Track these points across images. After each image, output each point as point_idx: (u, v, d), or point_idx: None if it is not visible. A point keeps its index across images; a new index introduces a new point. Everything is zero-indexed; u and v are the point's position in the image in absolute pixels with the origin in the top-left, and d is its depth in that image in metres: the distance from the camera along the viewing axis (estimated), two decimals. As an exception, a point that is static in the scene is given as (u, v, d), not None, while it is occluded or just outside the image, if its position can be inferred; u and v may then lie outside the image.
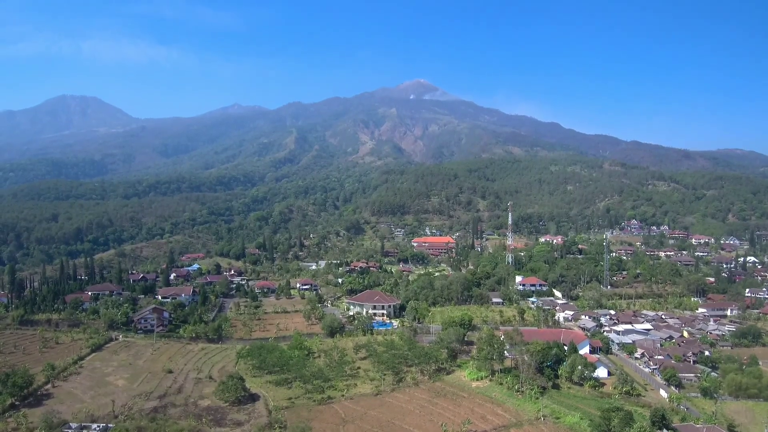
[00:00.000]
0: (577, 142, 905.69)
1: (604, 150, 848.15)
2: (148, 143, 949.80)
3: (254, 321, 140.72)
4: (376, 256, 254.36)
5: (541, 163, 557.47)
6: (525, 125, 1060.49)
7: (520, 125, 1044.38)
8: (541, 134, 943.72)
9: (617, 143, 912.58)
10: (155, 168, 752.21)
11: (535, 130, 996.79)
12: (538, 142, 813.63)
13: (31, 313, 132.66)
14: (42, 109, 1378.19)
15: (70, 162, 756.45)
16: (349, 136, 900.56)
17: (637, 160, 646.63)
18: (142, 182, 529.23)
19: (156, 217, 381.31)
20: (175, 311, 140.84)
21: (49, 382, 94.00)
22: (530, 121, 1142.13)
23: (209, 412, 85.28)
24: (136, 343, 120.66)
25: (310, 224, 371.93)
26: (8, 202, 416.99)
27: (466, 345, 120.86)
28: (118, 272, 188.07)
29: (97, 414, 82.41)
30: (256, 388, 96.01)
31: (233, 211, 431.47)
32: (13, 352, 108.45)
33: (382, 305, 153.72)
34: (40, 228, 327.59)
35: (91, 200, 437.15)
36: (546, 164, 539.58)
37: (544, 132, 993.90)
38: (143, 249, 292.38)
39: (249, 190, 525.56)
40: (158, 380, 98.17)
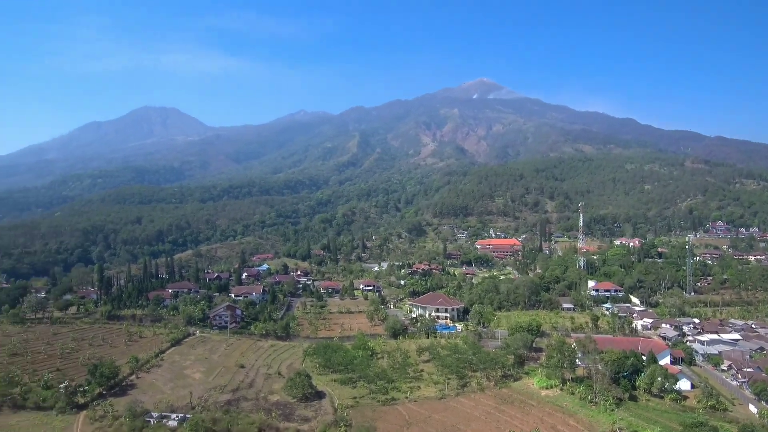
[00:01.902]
0: (654, 138, 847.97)
1: (685, 146, 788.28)
2: (221, 150, 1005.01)
3: (320, 320, 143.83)
4: (439, 258, 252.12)
5: (615, 161, 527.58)
6: (597, 122, 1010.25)
7: (592, 122, 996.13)
8: (615, 131, 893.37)
9: (700, 139, 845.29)
10: (228, 173, 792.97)
11: (608, 127, 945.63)
12: (612, 139, 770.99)
13: (117, 308, 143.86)
14: (126, 119, 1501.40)
15: (152, 169, 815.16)
16: (410, 138, 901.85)
17: (723, 157, 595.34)
18: (217, 187, 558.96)
19: (229, 219, 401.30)
20: (247, 309, 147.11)
21: (133, 373, 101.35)
22: (602, 118, 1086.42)
23: (278, 407, 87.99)
24: (211, 338, 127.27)
25: (372, 226, 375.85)
26: (97, 206, 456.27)
27: (535, 352, 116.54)
28: (195, 271, 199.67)
29: (176, 405, 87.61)
30: (322, 385, 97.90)
31: (299, 214, 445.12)
32: (101, 344, 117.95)
33: (445, 308, 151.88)
34: (126, 230, 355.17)
35: (171, 204, 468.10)
36: (620, 162, 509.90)
37: (617, 128, 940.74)
38: (218, 250, 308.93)
39: (314, 194, 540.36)
40: (231, 374, 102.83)
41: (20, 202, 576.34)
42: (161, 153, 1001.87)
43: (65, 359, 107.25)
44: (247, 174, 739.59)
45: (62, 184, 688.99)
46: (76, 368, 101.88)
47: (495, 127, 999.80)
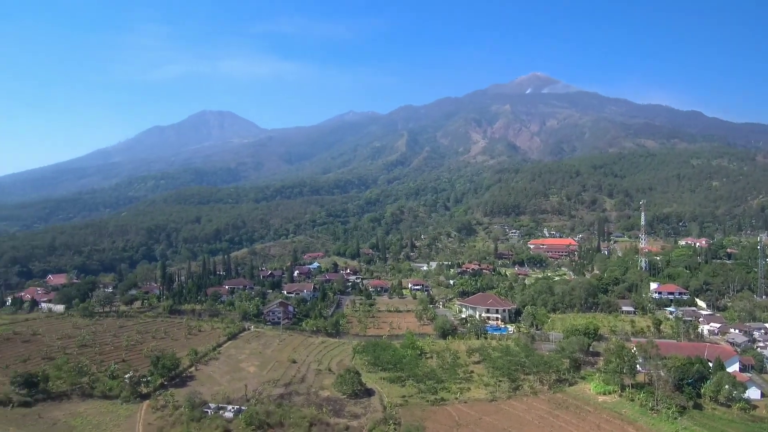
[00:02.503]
0: (723, 132, 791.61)
1: (757, 140, 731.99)
2: (274, 151, 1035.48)
3: (368, 318, 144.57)
4: (489, 258, 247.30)
5: (679, 156, 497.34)
6: (659, 115, 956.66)
7: (654, 115, 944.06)
8: (679, 124, 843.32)
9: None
10: (281, 174, 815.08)
11: (672, 120, 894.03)
12: (676, 133, 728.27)
13: (178, 303, 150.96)
14: (186, 123, 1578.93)
15: (210, 170, 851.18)
16: (460, 136, 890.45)
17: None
18: (270, 187, 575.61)
19: (282, 219, 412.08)
20: (299, 306, 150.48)
21: (192, 365, 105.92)
22: (665, 111, 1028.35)
23: (329, 402, 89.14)
24: (265, 333, 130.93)
25: (420, 225, 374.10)
26: (160, 206, 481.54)
27: (591, 356, 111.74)
28: (250, 269, 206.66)
29: (232, 397, 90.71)
30: (371, 383, 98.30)
31: (348, 213, 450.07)
32: (163, 337, 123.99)
33: (496, 309, 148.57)
34: (186, 229, 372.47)
35: (228, 204, 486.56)
36: (686, 158, 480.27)
37: (682, 122, 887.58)
38: (271, 248, 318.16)
39: (363, 193, 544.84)
40: (284, 369, 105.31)
41: (89, 203, 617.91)
42: (218, 155, 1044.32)
43: (130, 351, 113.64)
44: (299, 174, 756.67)
45: (128, 185, 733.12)
46: (140, 359, 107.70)
47: (549, 122, 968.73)
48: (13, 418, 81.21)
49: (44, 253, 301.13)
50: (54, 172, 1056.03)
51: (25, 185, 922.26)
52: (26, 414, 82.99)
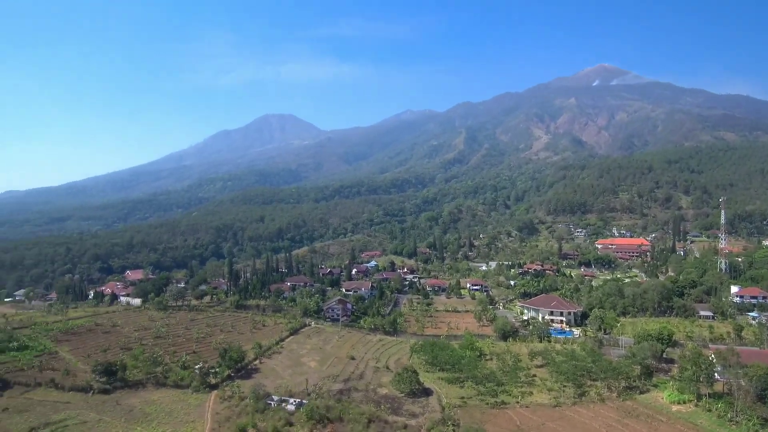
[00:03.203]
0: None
1: None
2: (333, 152, 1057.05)
3: (426, 318, 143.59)
4: (553, 258, 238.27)
5: (763, 149, 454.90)
6: (740, 106, 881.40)
7: (734, 106, 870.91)
8: (763, 115, 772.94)
9: None
10: (339, 174, 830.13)
11: (755, 111, 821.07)
12: (758, 124, 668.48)
13: (244, 299, 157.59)
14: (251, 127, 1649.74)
15: (273, 171, 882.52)
16: (521, 132, 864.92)
17: None
18: (329, 187, 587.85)
19: (340, 218, 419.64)
20: (357, 303, 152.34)
21: (257, 358, 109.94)
22: (746, 101, 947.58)
23: (387, 400, 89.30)
24: (324, 330, 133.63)
25: (479, 224, 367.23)
26: (227, 206, 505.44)
27: (665, 363, 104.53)
28: (310, 267, 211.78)
29: (294, 390, 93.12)
30: (429, 383, 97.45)
31: (405, 212, 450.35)
32: (230, 331, 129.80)
33: (560, 311, 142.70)
34: (251, 228, 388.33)
35: (289, 204, 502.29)
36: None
37: (765, 113, 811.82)
38: (330, 246, 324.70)
39: (420, 192, 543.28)
40: (343, 365, 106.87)
41: (163, 203, 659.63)
42: (280, 157, 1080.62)
43: (200, 343, 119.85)
44: (357, 174, 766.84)
45: (198, 187, 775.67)
46: (209, 351, 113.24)
47: (618, 115, 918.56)
48: (94, 404, 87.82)
49: (123, 251, 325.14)
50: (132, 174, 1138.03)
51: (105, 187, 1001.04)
52: (105, 401, 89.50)
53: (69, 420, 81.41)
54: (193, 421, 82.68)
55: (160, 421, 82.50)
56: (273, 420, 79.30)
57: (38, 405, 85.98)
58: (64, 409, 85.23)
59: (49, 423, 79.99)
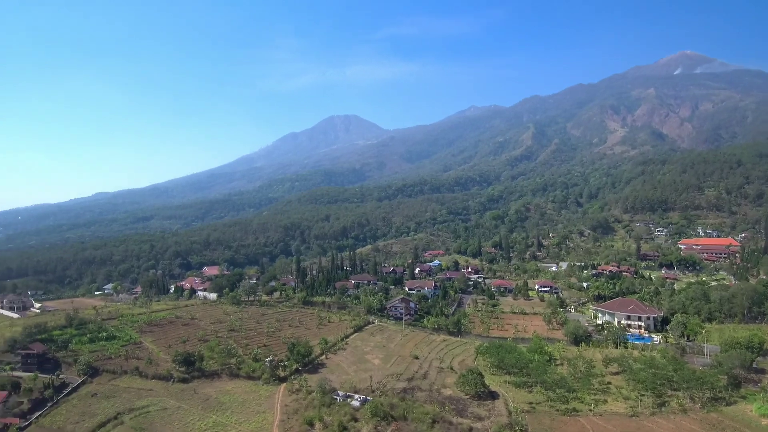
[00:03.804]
0: None
1: None
2: (396, 151, 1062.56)
3: (491, 319, 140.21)
4: (630, 259, 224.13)
5: None
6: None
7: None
8: None
9: None
10: (402, 173, 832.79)
11: None
12: None
13: (310, 295, 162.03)
14: (317, 129, 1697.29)
15: (337, 171, 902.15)
16: (594, 126, 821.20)
17: None
18: (392, 186, 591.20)
19: (403, 217, 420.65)
20: (420, 302, 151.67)
21: (323, 353, 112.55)
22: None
23: (451, 401, 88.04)
24: (388, 328, 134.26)
25: (548, 223, 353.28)
26: (294, 206, 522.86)
27: (754, 373, 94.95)
28: (374, 265, 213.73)
29: (359, 386, 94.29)
30: (495, 386, 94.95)
31: (470, 211, 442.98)
32: (298, 326, 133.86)
33: (638, 316, 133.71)
34: (317, 226, 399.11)
35: (353, 203, 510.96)
36: None
37: None
38: (393, 245, 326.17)
39: (485, 190, 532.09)
40: (406, 364, 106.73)
41: (237, 204, 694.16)
42: (345, 157, 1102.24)
43: (270, 337, 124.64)
44: (419, 173, 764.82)
45: (268, 187, 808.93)
46: (279, 345, 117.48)
47: (703, 105, 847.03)
48: (174, 392, 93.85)
49: (200, 248, 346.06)
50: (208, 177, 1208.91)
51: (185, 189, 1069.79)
52: (184, 389, 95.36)
53: (151, 406, 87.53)
54: (263, 411, 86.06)
55: (234, 410, 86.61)
56: (339, 415, 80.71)
57: (124, 391, 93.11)
58: (147, 395, 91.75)
59: (134, 409, 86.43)
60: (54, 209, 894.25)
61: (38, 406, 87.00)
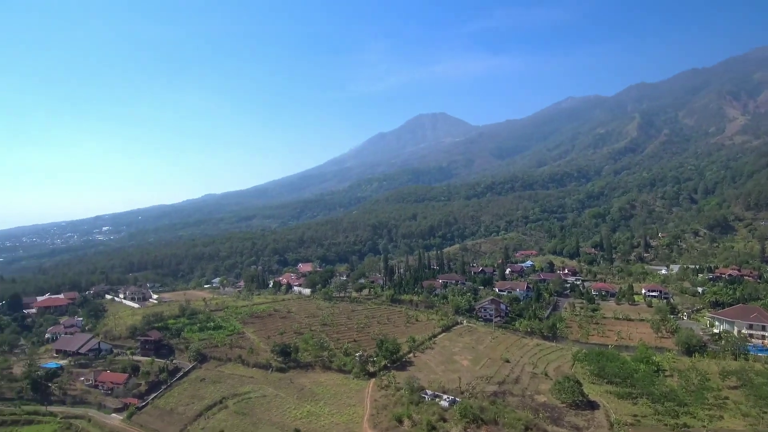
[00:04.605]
0: None
1: None
2: (484, 147, 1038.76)
3: (591, 324, 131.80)
4: (753, 261, 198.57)
5: None
6: None
7: None
8: None
9: None
10: (491, 170, 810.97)
11: None
12: None
13: (398, 293, 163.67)
14: (404, 128, 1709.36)
15: (424, 170, 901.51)
16: (710, 114, 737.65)
17: None
18: (480, 184, 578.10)
19: (492, 215, 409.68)
20: (511, 304, 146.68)
21: (411, 351, 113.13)
22: None
23: (545, 408, 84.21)
24: (477, 329, 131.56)
25: (657, 221, 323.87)
26: (382, 205, 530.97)
27: None
28: (462, 264, 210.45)
29: (447, 387, 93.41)
30: (594, 395, 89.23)
31: (566, 209, 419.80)
32: (386, 323, 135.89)
33: (762, 325, 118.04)
34: (404, 225, 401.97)
35: (440, 202, 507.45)
36: None
37: None
38: (481, 245, 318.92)
39: (583, 186, 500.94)
40: (497, 367, 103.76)
41: (328, 203, 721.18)
42: (432, 155, 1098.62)
43: (360, 332, 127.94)
44: (510, 169, 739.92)
45: (357, 187, 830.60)
46: (368, 341, 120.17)
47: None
48: (272, 381, 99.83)
49: (296, 245, 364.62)
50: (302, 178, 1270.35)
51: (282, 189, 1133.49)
52: (281, 378, 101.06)
53: (252, 393, 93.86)
54: (354, 405, 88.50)
55: (326, 401, 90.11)
56: (427, 414, 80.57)
57: (228, 377, 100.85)
58: (248, 382, 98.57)
59: (237, 394, 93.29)
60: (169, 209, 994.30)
61: (154, 388, 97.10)
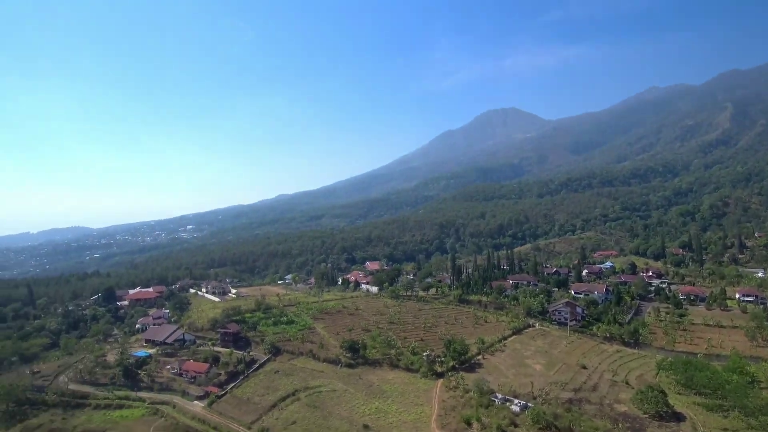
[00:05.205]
0: None
1: None
2: (559, 143, 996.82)
3: (677, 331, 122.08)
4: None
5: None
6: None
7: None
8: None
9: None
10: (566, 166, 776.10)
11: None
12: None
13: (466, 293, 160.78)
14: (472, 125, 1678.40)
15: (494, 167, 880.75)
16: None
17: None
18: (554, 181, 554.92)
19: (567, 213, 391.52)
20: (588, 308, 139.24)
21: (480, 353, 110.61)
22: None
23: (626, 418, 79.17)
24: (550, 333, 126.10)
25: (754, 220, 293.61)
26: (449, 204, 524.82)
27: None
28: (534, 265, 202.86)
29: (518, 391, 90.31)
30: (680, 406, 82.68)
31: (650, 206, 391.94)
32: (453, 323, 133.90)
33: None
34: (472, 224, 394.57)
35: (510, 200, 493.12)
36: None
37: None
38: (555, 244, 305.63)
39: (669, 182, 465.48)
40: (572, 373, 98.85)
41: (395, 202, 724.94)
42: (502, 152, 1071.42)
43: (427, 332, 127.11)
44: (587, 165, 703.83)
45: (423, 186, 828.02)
46: (435, 341, 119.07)
47: None
48: (341, 376, 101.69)
49: (363, 244, 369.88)
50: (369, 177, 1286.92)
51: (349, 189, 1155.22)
52: (350, 374, 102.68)
53: (323, 387, 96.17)
54: (422, 404, 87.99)
55: (394, 399, 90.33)
56: (497, 417, 78.39)
57: (300, 371, 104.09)
58: (319, 376, 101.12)
59: (308, 387, 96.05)
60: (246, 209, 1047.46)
61: (232, 378, 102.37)
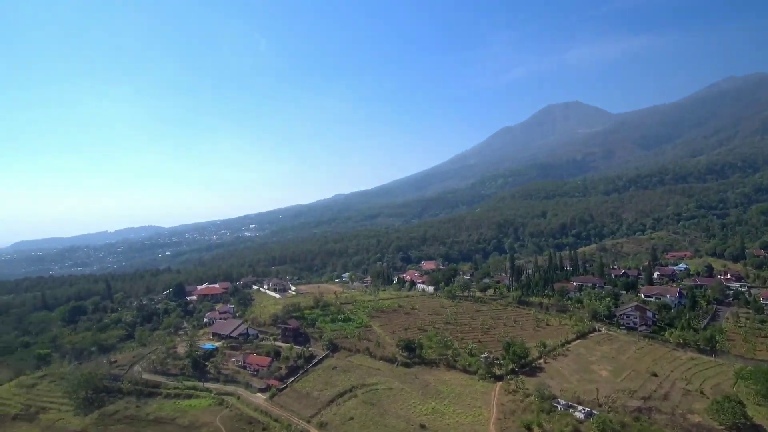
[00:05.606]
0: None
1: None
2: (626, 137, 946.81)
3: (758, 338, 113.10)
4: None
5: None
6: None
7: None
8: None
9: None
10: (634, 162, 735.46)
11: None
12: None
13: (526, 295, 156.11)
14: (532, 121, 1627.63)
15: (555, 164, 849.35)
16: None
17: None
18: (622, 177, 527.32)
19: (636, 212, 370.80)
20: (660, 312, 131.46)
21: (541, 357, 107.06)
22: None
23: (700, 430, 74.57)
24: (618, 337, 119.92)
25: None
26: (508, 202, 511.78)
27: None
28: (600, 266, 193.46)
29: (582, 398, 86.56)
30: (760, 418, 76.95)
31: (728, 204, 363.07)
32: (512, 325, 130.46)
33: None
34: (532, 223, 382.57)
35: (574, 198, 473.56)
36: None
37: None
38: (623, 245, 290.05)
39: (749, 178, 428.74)
40: (642, 381, 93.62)
41: (450, 201, 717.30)
42: (564, 148, 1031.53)
43: (484, 333, 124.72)
44: (657, 160, 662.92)
45: (480, 184, 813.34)
46: (493, 343, 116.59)
47: None
48: (397, 374, 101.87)
49: (418, 243, 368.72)
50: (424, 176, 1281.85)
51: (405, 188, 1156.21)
52: (406, 373, 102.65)
53: (379, 384, 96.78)
54: (479, 406, 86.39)
55: (451, 401, 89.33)
56: (560, 424, 75.75)
57: (357, 368, 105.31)
58: (375, 374, 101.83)
59: (365, 384, 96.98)
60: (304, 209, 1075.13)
61: (292, 372, 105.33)
